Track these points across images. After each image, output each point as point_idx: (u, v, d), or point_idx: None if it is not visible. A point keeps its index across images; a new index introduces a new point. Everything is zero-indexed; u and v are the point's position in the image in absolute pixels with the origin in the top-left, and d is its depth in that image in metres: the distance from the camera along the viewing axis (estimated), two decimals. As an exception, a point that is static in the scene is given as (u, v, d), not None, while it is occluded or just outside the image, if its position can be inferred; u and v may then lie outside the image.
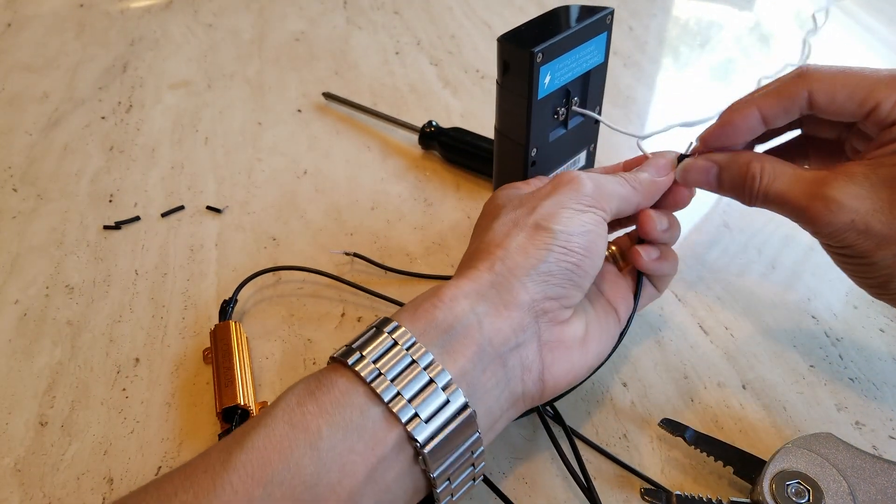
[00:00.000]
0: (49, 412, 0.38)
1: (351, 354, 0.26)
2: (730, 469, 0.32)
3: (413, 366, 0.26)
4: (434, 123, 0.55)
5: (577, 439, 0.35)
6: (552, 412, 0.36)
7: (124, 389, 0.39)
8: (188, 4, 0.82)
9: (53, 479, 0.34)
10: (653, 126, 0.58)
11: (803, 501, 0.29)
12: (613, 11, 0.39)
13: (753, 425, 0.35)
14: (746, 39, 0.70)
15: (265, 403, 0.37)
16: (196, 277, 0.46)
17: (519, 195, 0.33)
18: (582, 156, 0.45)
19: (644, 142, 0.38)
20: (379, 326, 0.27)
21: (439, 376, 0.26)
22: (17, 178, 0.55)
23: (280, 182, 0.54)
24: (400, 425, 0.25)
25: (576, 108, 0.41)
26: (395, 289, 0.44)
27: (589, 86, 0.40)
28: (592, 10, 0.38)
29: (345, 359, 0.26)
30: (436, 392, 0.26)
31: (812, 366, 0.38)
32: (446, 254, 0.47)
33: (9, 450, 0.36)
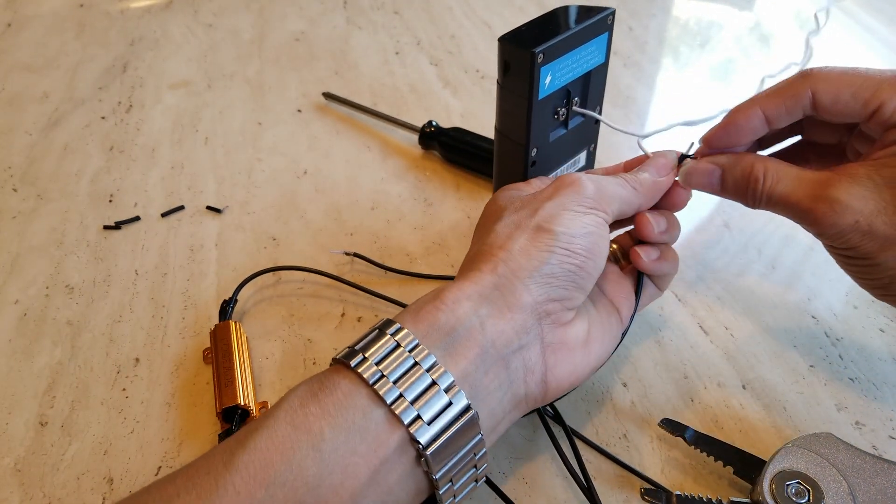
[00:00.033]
0: (49, 412, 0.38)
1: (353, 356, 0.26)
2: (730, 469, 0.32)
3: (416, 368, 0.26)
4: (434, 123, 0.55)
5: (577, 439, 0.35)
6: (552, 412, 0.36)
7: (124, 389, 0.39)
8: (188, 4, 0.81)
9: (53, 479, 0.34)
10: (653, 126, 0.58)
11: (803, 501, 0.29)
12: (614, 12, 0.39)
13: (753, 425, 0.35)
14: (746, 39, 0.71)
15: (265, 403, 0.37)
16: (196, 277, 0.46)
17: (520, 197, 0.33)
18: (582, 156, 0.45)
19: (644, 141, 0.38)
20: (381, 328, 0.27)
21: (442, 378, 0.26)
22: (17, 178, 0.55)
23: (280, 182, 0.54)
24: (402, 427, 0.25)
25: (576, 109, 0.41)
26: (395, 289, 0.44)
27: (589, 86, 0.40)
28: (593, 11, 0.38)
29: (347, 360, 0.26)
30: (438, 394, 0.26)
31: (812, 366, 0.38)
32: (446, 254, 0.47)
33: (9, 450, 0.36)
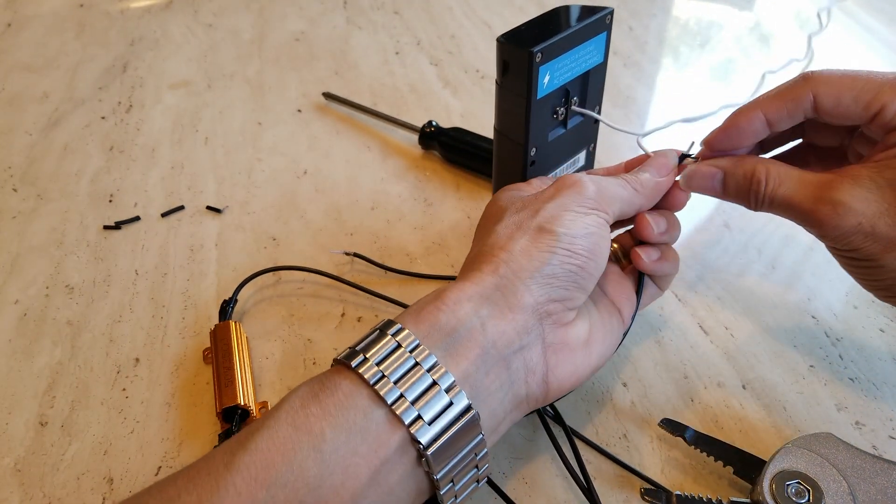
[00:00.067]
0: (49, 412, 0.38)
1: (354, 357, 0.26)
2: (730, 469, 0.32)
3: (416, 368, 0.26)
4: (434, 123, 0.55)
5: (578, 439, 0.35)
6: (552, 412, 0.36)
7: (124, 389, 0.39)
8: (188, 4, 0.81)
9: (53, 479, 0.34)
10: (653, 126, 0.58)
11: (803, 501, 0.29)
12: (613, 11, 0.39)
13: (753, 425, 0.35)
14: (746, 39, 0.70)
15: (265, 403, 0.37)
16: (196, 277, 0.46)
17: (521, 197, 0.33)
18: (581, 156, 0.45)
19: (644, 139, 0.38)
20: (382, 329, 0.27)
21: (443, 378, 0.26)
22: (17, 178, 0.55)
23: (280, 182, 0.54)
24: (403, 427, 0.25)
25: (575, 108, 0.41)
26: (395, 289, 0.44)
27: (588, 85, 0.40)
28: (592, 10, 0.38)
29: (348, 361, 0.26)
30: (439, 394, 0.26)
31: (812, 366, 0.38)
32: (446, 254, 0.47)
33: (9, 450, 0.36)
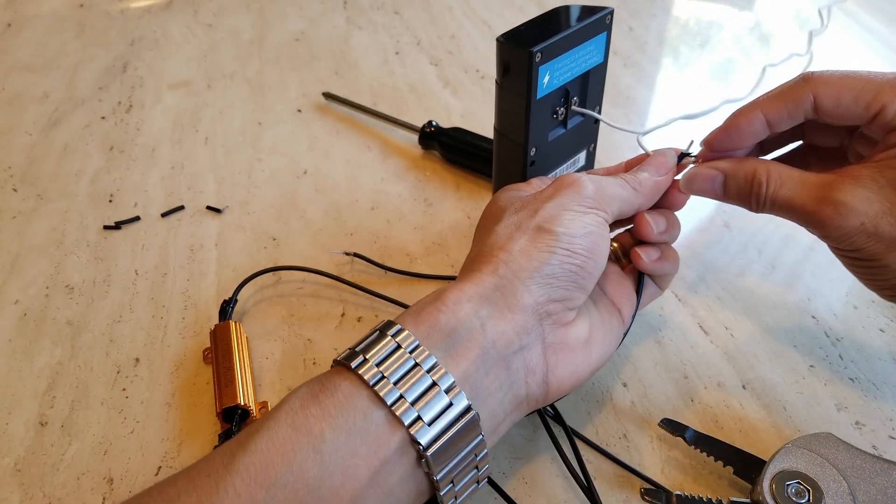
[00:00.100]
0: (49, 412, 0.38)
1: (354, 358, 0.26)
2: (730, 469, 0.32)
3: (416, 369, 0.26)
4: (434, 123, 0.55)
5: (578, 439, 0.35)
6: (552, 412, 0.36)
7: (124, 389, 0.39)
8: (188, 4, 0.81)
9: (53, 479, 0.34)
10: (653, 125, 0.58)
11: (803, 501, 0.29)
12: (613, 11, 0.39)
13: (753, 425, 0.35)
14: (746, 39, 0.70)
15: (265, 403, 0.37)
16: (196, 277, 0.46)
17: (520, 197, 0.33)
18: (582, 156, 0.45)
19: (644, 138, 0.38)
20: (382, 329, 0.27)
21: (442, 379, 0.26)
22: (17, 178, 0.55)
23: (280, 182, 0.54)
24: (403, 428, 0.25)
25: (575, 108, 0.41)
26: (395, 289, 0.44)
27: (588, 85, 0.40)
28: (592, 10, 0.38)
29: (348, 362, 0.26)
30: (439, 395, 0.26)
31: (812, 366, 0.38)
32: (446, 254, 0.47)
33: (9, 450, 0.36)
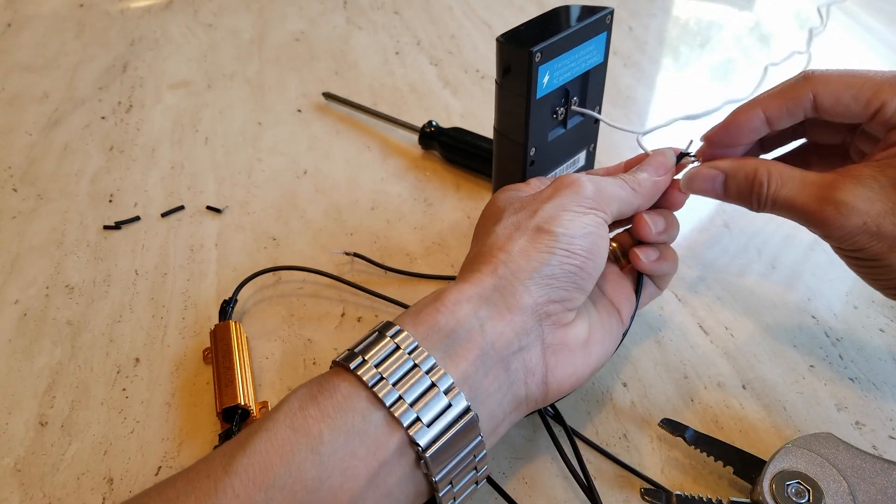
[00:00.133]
0: (49, 412, 0.38)
1: (353, 359, 0.26)
2: (730, 469, 0.32)
3: (415, 370, 0.26)
4: (434, 123, 0.55)
5: (578, 439, 0.35)
6: (553, 412, 0.36)
7: (124, 389, 0.39)
8: (188, 4, 0.81)
9: (53, 479, 0.34)
10: (653, 125, 0.58)
11: (803, 501, 0.29)
12: (613, 11, 0.39)
13: (753, 425, 0.35)
14: (746, 39, 0.70)
15: (265, 403, 0.37)
16: (196, 277, 0.46)
17: (519, 198, 0.33)
18: (582, 156, 0.45)
19: (644, 138, 0.38)
20: (381, 330, 0.27)
21: (441, 380, 0.26)
22: (17, 178, 0.55)
23: (280, 182, 0.54)
24: (401, 429, 0.25)
25: (575, 108, 0.41)
26: (395, 289, 0.44)
27: (588, 85, 0.40)
28: (592, 10, 0.38)
29: (347, 363, 0.26)
30: (437, 396, 0.26)
31: (812, 366, 0.38)
32: (446, 254, 0.47)
33: (9, 450, 0.36)
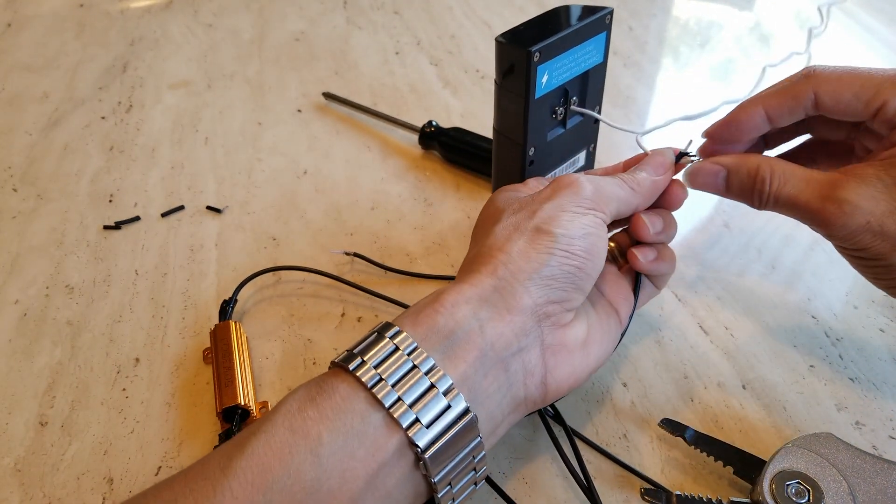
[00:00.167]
0: (49, 412, 0.38)
1: (352, 360, 0.26)
2: (730, 469, 0.32)
3: (414, 371, 0.26)
4: (434, 123, 0.55)
5: (578, 439, 0.35)
6: (552, 412, 0.36)
7: (124, 389, 0.39)
8: (188, 4, 0.81)
9: (53, 479, 0.34)
10: (653, 125, 0.58)
11: (803, 501, 0.29)
12: (612, 11, 0.39)
13: (753, 425, 0.35)
14: (746, 39, 0.70)
15: (265, 403, 0.37)
16: (196, 277, 0.46)
17: (518, 198, 0.33)
18: (581, 156, 0.45)
19: (644, 138, 0.38)
20: (380, 331, 0.27)
21: (440, 381, 0.26)
22: (17, 178, 0.55)
23: (280, 182, 0.54)
24: (401, 431, 0.25)
25: (574, 108, 0.41)
26: (395, 289, 0.44)
27: (588, 85, 0.40)
28: (591, 10, 0.38)
29: (346, 364, 0.26)
30: (437, 397, 0.26)
31: (812, 366, 0.38)
32: (446, 254, 0.47)
33: (9, 450, 0.36)
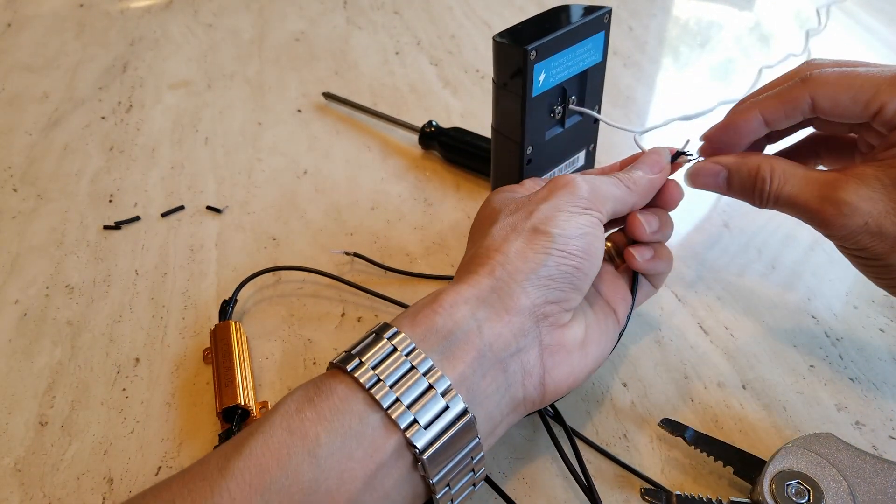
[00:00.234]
0: (49, 412, 0.38)
1: (350, 360, 0.26)
2: (730, 469, 0.32)
3: (412, 372, 0.26)
4: (434, 123, 0.55)
5: (578, 439, 0.35)
6: (552, 412, 0.36)
7: (124, 389, 0.39)
8: (188, 4, 0.81)
9: (53, 479, 0.34)
10: (652, 125, 0.58)
11: (803, 501, 0.29)
12: (611, 11, 0.39)
13: (753, 425, 0.35)
14: (746, 39, 0.70)
15: (265, 403, 0.37)
16: (196, 277, 0.46)
17: (514, 199, 0.33)
18: (581, 155, 0.44)
19: (643, 137, 0.38)
20: (378, 332, 0.27)
21: (438, 382, 0.26)
22: (17, 178, 0.55)
23: (280, 182, 0.54)
24: (399, 431, 0.25)
25: (573, 107, 0.41)
26: (395, 289, 0.44)
27: (587, 85, 0.40)
28: (590, 10, 0.38)
29: (344, 365, 0.26)
30: (435, 398, 0.25)
31: (812, 366, 0.38)
32: (446, 254, 0.47)
33: (9, 450, 0.36)
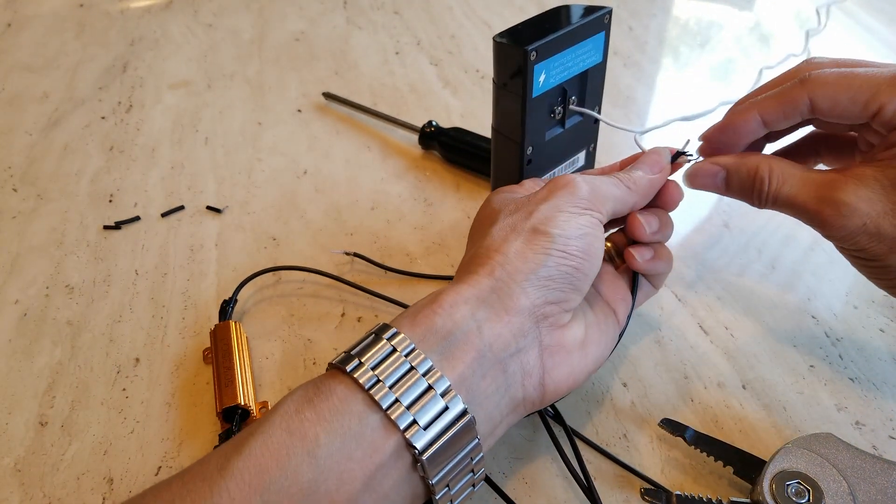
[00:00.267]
0: (49, 412, 0.38)
1: (349, 361, 0.26)
2: (730, 469, 0.32)
3: (412, 372, 0.26)
4: (434, 123, 0.55)
5: (578, 439, 0.35)
6: (552, 412, 0.36)
7: (124, 389, 0.39)
8: (188, 4, 0.81)
9: (53, 479, 0.34)
10: (653, 125, 0.58)
11: (803, 501, 0.29)
12: (611, 11, 0.39)
13: (753, 425, 0.35)
14: (746, 39, 0.70)
15: (265, 403, 0.37)
16: (196, 277, 0.46)
17: (514, 199, 0.33)
18: (581, 156, 0.44)
19: (643, 137, 0.38)
20: (378, 333, 0.27)
21: (438, 382, 0.26)
22: (17, 178, 0.55)
23: (280, 182, 0.54)
24: (398, 432, 0.25)
25: (573, 107, 0.41)
26: (395, 289, 0.44)
27: (587, 85, 0.40)
28: (590, 10, 0.38)
29: (343, 365, 0.26)
30: (434, 398, 0.25)
31: (812, 366, 0.38)
32: (446, 254, 0.47)
33: (9, 450, 0.36)
